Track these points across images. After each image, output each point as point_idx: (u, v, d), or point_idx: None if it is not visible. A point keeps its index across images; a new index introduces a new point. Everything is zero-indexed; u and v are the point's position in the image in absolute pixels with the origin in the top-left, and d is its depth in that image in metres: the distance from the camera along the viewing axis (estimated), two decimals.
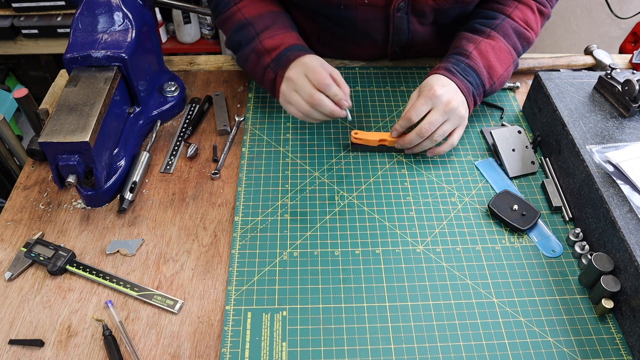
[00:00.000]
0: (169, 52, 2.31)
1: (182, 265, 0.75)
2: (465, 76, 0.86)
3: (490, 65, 0.88)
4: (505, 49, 0.90)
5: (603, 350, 0.67)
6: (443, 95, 0.81)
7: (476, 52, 0.88)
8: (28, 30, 2.16)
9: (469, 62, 0.87)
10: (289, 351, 0.66)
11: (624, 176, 0.74)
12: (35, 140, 0.86)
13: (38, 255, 0.74)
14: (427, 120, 0.82)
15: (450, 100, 0.81)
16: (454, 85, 0.84)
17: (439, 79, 0.84)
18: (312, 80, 0.81)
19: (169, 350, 0.67)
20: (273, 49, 0.87)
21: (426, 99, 0.82)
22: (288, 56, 0.85)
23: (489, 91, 0.89)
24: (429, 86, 0.82)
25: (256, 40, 0.88)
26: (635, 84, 0.81)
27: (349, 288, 0.72)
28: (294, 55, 0.85)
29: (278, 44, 0.87)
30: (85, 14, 0.84)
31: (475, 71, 0.87)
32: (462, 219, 0.81)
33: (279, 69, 0.85)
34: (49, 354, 0.66)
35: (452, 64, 0.87)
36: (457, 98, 0.83)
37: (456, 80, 0.85)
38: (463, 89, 0.85)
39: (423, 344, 0.67)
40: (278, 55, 0.86)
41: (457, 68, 0.86)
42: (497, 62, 0.89)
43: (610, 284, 0.68)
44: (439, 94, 0.81)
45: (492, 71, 0.88)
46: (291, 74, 0.83)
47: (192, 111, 0.97)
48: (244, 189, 0.84)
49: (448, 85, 0.83)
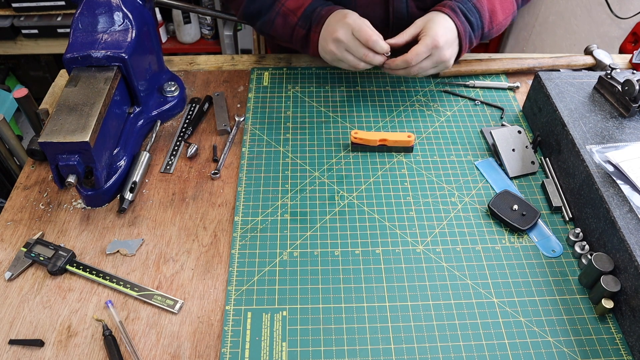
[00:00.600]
0: (169, 52, 2.32)
1: (182, 265, 0.75)
2: (469, 16, 0.90)
3: (494, 10, 0.93)
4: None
5: (603, 350, 0.67)
6: (442, 49, 0.86)
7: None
8: (28, 30, 2.16)
9: (475, 3, 0.91)
10: (289, 351, 0.66)
11: (624, 176, 0.74)
12: (35, 140, 0.86)
13: (38, 255, 0.74)
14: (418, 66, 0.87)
15: (445, 54, 0.87)
16: (454, 31, 0.89)
17: (443, 23, 0.88)
18: (361, 39, 0.85)
19: (169, 350, 0.67)
20: (297, 8, 0.92)
21: (428, 48, 0.86)
22: (319, 12, 0.90)
23: (486, 35, 0.94)
24: (434, 34, 0.86)
25: (278, 4, 0.93)
26: (635, 84, 0.81)
27: (349, 288, 0.72)
28: (325, 10, 0.90)
29: (300, 3, 0.92)
30: (85, 14, 0.84)
31: (479, 12, 0.91)
32: (462, 219, 0.81)
33: (312, 25, 0.91)
34: (49, 354, 0.66)
35: (459, 2, 0.91)
36: (452, 49, 0.88)
37: (457, 23, 0.89)
38: (461, 32, 0.89)
39: (423, 344, 0.67)
40: (304, 13, 0.91)
41: (463, 7, 0.90)
42: (501, 8, 0.94)
43: (610, 284, 0.68)
44: (441, 46, 0.86)
45: (493, 16, 0.93)
46: (341, 35, 0.86)
47: (192, 111, 0.98)
48: (244, 189, 0.84)
49: (450, 33, 0.88)
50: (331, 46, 0.88)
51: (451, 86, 1.03)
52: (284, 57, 1.10)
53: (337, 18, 0.88)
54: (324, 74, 1.05)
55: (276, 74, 1.05)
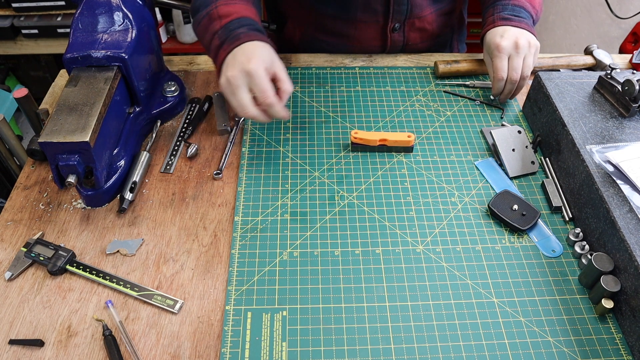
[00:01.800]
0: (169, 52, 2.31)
1: (182, 265, 0.75)
2: (518, 15, 0.93)
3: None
4: None
5: (603, 350, 0.67)
6: (509, 42, 0.90)
7: None
8: (28, 30, 2.16)
9: (514, 3, 0.95)
10: (289, 351, 0.66)
11: (624, 176, 0.74)
12: (35, 140, 0.86)
13: (38, 255, 0.74)
14: (511, 69, 0.91)
15: (517, 40, 0.90)
16: (509, 29, 0.92)
17: (497, 31, 0.92)
18: (255, 92, 0.78)
19: (169, 350, 0.67)
20: (225, 16, 0.85)
21: (500, 56, 0.91)
22: (238, 33, 0.82)
23: (536, 19, 0.98)
24: (495, 44, 0.91)
25: (212, 5, 0.87)
26: (635, 84, 0.81)
27: (349, 288, 0.72)
28: (245, 35, 0.82)
29: (232, 12, 0.85)
30: (85, 14, 0.84)
31: (522, 7, 0.95)
32: (462, 219, 0.81)
33: (226, 42, 0.82)
34: (49, 354, 0.66)
35: (501, 11, 0.94)
36: (520, 35, 0.91)
37: (512, 24, 0.92)
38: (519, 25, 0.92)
39: (423, 344, 0.67)
40: (228, 24, 0.84)
41: (508, 13, 0.94)
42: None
43: (610, 284, 0.68)
44: (505, 45, 0.90)
45: (532, 2, 0.97)
46: (232, 78, 0.78)
47: (192, 111, 0.97)
48: (244, 189, 0.84)
49: (507, 31, 0.91)
50: (222, 80, 0.80)
51: (451, 86, 1.03)
52: (283, 57, 1.10)
53: (245, 57, 0.78)
54: (324, 74, 1.05)
55: None
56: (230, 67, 0.79)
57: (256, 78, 0.77)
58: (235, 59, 0.80)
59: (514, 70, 0.91)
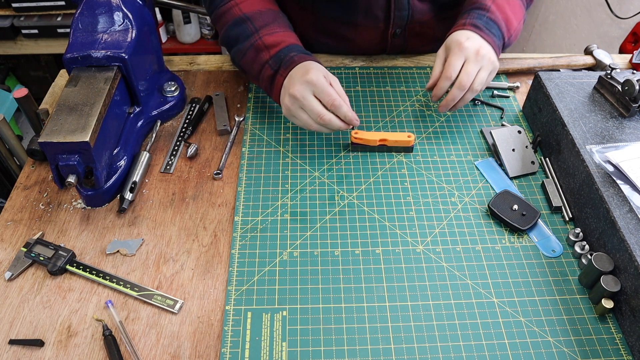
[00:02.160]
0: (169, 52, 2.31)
1: (182, 265, 0.75)
2: (489, 29, 0.89)
3: (508, 18, 0.92)
4: (518, 3, 0.95)
5: (603, 350, 0.67)
6: (472, 46, 0.85)
7: (494, 7, 0.92)
8: (28, 30, 2.16)
9: (490, 16, 0.90)
10: (289, 351, 0.66)
11: (624, 176, 0.74)
12: (35, 140, 0.86)
13: (38, 255, 0.74)
14: (464, 72, 0.84)
15: (479, 49, 0.85)
16: (479, 36, 0.87)
17: (463, 33, 0.87)
18: (321, 99, 0.81)
19: (169, 350, 0.67)
20: (273, 46, 0.86)
21: (458, 54, 0.85)
22: (291, 57, 0.84)
23: (506, 44, 0.93)
24: (457, 42, 0.85)
25: (255, 36, 0.88)
26: (635, 84, 0.81)
27: (349, 288, 0.72)
28: (298, 57, 0.84)
29: (278, 41, 0.87)
30: (85, 14, 0.84)
31: (496, 24, 0.90)
32: (462, 219, 0.81)
33: (281, 68, 0.85)
34: (49, 354, 0.66)
35: (475, 18, 0.90)
36: (484, 46, 0.87)
37: (481, 34, 0.88)
38: (487, 39, 0.88)
39: (423, 344, 0.67)
40: (278, 53, 0.86)
41: (481, 22, 0.89)
42: (513, 15, 0.93)
43: (610, 284, 0.68)
44: (467, 46, 0.85)
45: (509, 24, 0.92)
46: (297, 92, 0.80)
47: (192, 111, 0.97)
48: (244, 189, 0.84)
49: (473, 37, 0.87)
50: (286, 100, 0.82)
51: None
52: None
53: (302, 71, 0.81)
54: None
55: None
56: (290, 85, 0.82)
57: (319, 85, 0.80)
58: (292, 77, 0.82)
59: (467, 75, 0.84)
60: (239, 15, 0.90)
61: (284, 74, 0.84)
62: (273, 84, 0.86)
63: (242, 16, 0.90)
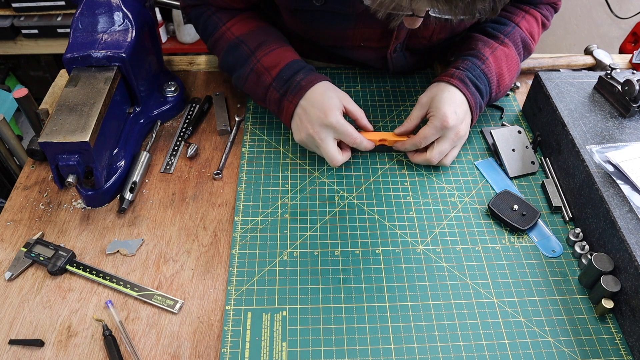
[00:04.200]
0: (169, 52, 2.31)
1: (182, 265, 0.75)
2: (478, 84, 0.85)
3: (502, 73, 0.88)
4: (515, 59, 0.91)
5: (603, 350, 0.67)
6: (455, 127, 0.81)
7: (492, 59, 0.87)
8: (28, 30, 2.16)
9: (484, 69, 0.86)
10: (289, 351, 0.66)
11: (624, 176, 0.74)
12: (35, 140, 0.86)
13: (38, 255, 0.74)
14: (437, 151, 0.82)
15: (459, 130, 0.82)
16: (465, 103, 0.83)
17: (451, 97, 0.82)
18: (343, 140, 0.82)
19: (169, 350, 0.67)
20: (272, 67, 0.85)
21: (437, 130, 0.81)
22: (298, 82, 0.83)
23: (493, 99, 0.90)
24: (442, 114, 0.80)
25: (253, 59, 0.86)
26: (635, 84, 0.81)
27: (349, 288, 0.72)
28: (305, 81, 0.83)
29: (277, 61, 0.85)
30: (85, 14, 0.84)
31: (487, 79, 0.86)
32: (462, 219, 0.81)
33: (289, 94, 0.83)
34: (49, 354, 0.66)
35: (468, 70, 0.85)
36: (465, 122, 0.83)
37: (467, 95, 0.83)
38: (472, 104, 0.84)
39: (423, 344, 0.67)
40: (280, 74, 0.84)
41: (472, 75, 0.85)
42: (507, 71, 0.89)
43: (610, 284, 0.68)
44: (451, 126, 0.81)
45: (501, 80, 0.88)
46: (316, 135, 0.80)
47: (192, 111, 0.98)
48: (244, 189, 0.84)
49: (459, 108, 0.82)
50: (303, 137, 0.82)
51: None
52: None
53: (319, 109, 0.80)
54: (323, 74, 1.05)
55: None
56: (308, 123, 0.81)
57: (339, 128, 0.80)
58: (309, 114, 0.81)
59: (440, 154, 0.83)
60: (232, 40, 0.89)
61: (294, 101, 0.83)
62: (281, 109, 0.85)
63: (235, 40, 0.88)
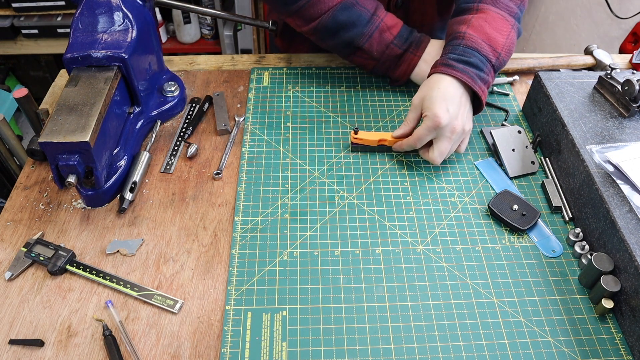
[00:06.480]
0: (169, 52, 2.32)
1: (182, 265, 0.75)
2: (466, 59, 0.83)
3: (490, 37, 0.85)
4: (499, 17, 0.88)
5: (603, 350, 0.67)
6: (448, 125, 0.81)
7: (470, 30, 0.86)
8: (28, 30, 2.17)
9: (466, 43, 0.85)
10: (289, 351, 0.66)
11: (624, 176, 0.74)
12: (35, 140, 0.86)
13: (38, 255, 0.74)
14: (437, 151, 0.83)
15: (455, 126, 0.81)
16: (456, 87, 0.82)
17: (440, 91, 0.81)
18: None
19: (169, 350, 0.67)
20: (393, 26, 0.93)
21: (430, 130, 0.82)
22: (418, 36, 0.93)
23: (497, 64, 0.86)
24: (433, 114, 0.80)
25: (376, 18, 0.92)
26: (635, 84, 0.81)
27: (349, 288, 0.72)
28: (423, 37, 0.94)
29: (395, 21, 0.94)
30: (85, 14, 0.84)
31: (475, 49, 0.84)
32: (462, 219, 0.81)
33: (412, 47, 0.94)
34: (49, 354, 0.66)
35: (450, 52, 0.85)
36: (460, 115, 0.82)
37: (457, 74, 0.82)
38: (466, 80, 0.82)
39: (423, 344, 0.67)
40: (400, 32, 0.93)
41: (455, 55, 0.84)
42: (495, 32, 0.86)
43: (610, 284, 0.68)
44: (444, 125, 0.80)
45: (493, 43, 0.85)
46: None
47: (192, 111, 0.98)
48: (244, 189, 0.84)
49: (451, 104, 0.81)
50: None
51: None
52: (283, 57, 1.10)
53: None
54: (324, 74, 1.05)
55: (276, 74, 1.05)
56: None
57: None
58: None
59: (440, 154, 0.83)
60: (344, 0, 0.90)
61: (417, 53, 0.94)
62: (400, 62, 0.95)
63: (348, 0, 0.91)
